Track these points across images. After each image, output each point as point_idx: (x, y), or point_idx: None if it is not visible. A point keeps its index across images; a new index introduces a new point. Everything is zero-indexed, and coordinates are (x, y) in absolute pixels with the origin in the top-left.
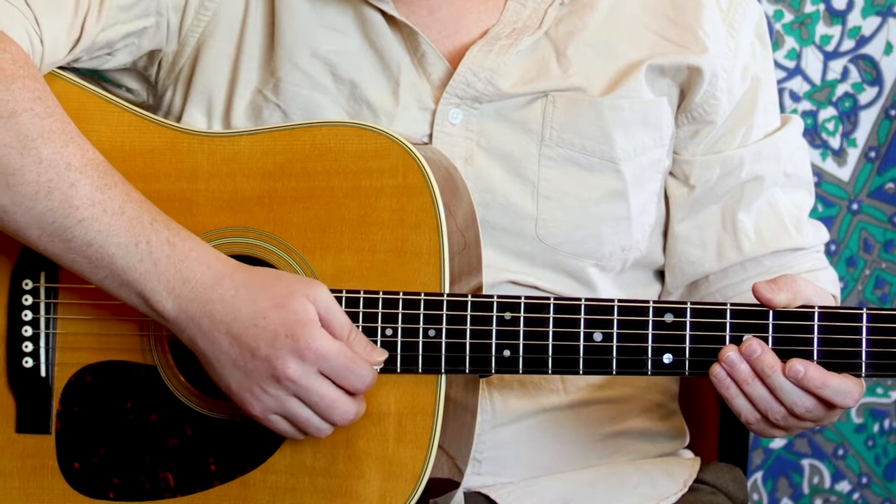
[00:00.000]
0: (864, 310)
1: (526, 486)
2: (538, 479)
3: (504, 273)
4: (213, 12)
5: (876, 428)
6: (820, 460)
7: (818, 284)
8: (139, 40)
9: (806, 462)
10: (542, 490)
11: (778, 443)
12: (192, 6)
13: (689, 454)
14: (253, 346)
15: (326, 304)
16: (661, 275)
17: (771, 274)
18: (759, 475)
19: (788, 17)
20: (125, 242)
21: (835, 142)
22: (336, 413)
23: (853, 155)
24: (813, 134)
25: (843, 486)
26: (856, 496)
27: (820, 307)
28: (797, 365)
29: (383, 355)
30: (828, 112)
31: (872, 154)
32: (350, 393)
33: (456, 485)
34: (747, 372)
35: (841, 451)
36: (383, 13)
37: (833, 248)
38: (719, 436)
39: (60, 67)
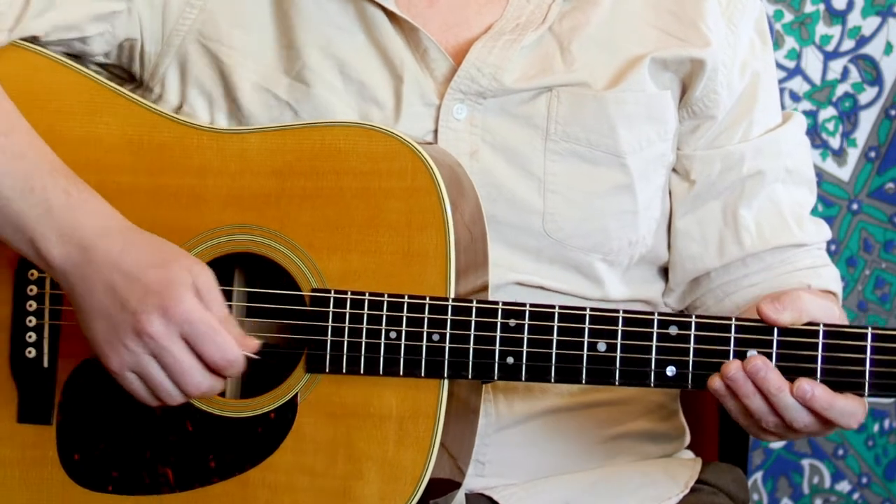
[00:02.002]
0: (870, 329)
1: (529, 488)
2: (541, 481)
3: (510, 273)
4: (199, 10)
5: (876, 428)
6: (820, 460)
7: (819, 281)
8: (112, 28)
9: (806, 462)
10: (544, 491)
11: (778, 443)
12: (173, 4)
13: (689, 454)
14: (124, 298)
15: (206, 284)
16: (665, 272)
17: (772, 270)
18: (759, 475)
19: (788, 17)
20: (21, 187)
21: (835, 142)
22: (189, 381)
23: (853, 155)
24: (813, 134)
25: (843, 486)
26: (856, 496)
27: (825, 325)
28: (805, 385)
29: (255, 347)
30: (828, 112)
31: (872, 154)
32: (210, 367)
33: (457, 485)
34: (750, 389)
35: (841, 451)
36: (384, 9)
37: (833, 248)
38: (719, 436)
39: (70, 56)
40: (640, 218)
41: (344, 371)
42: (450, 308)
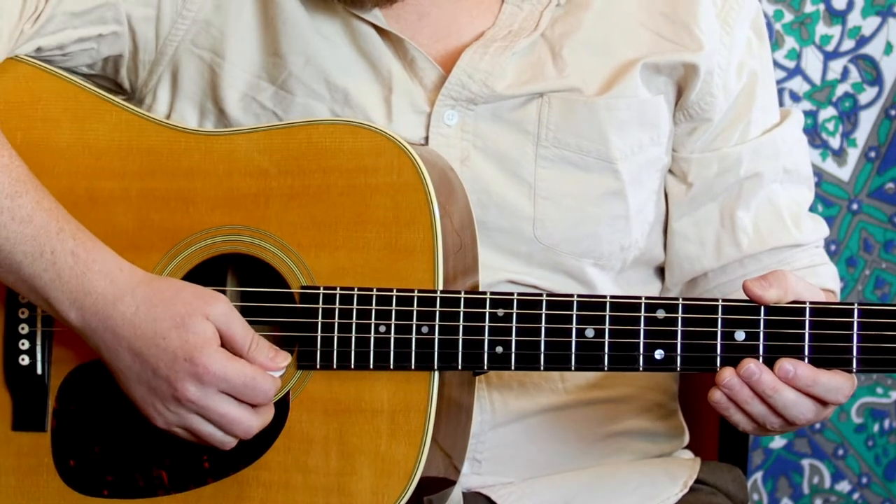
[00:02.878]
0: (856, 305)
1: (526, 487)
2: (538, 480)
3: (502, 273)
4: (190, 20)
5: (876, 428)
6: (820, 460)
7: (817, 279)
8: (98, 46)
9: (806, 462)
10: (543, 490)
11: (778, 443)
12: (166, 16)
13: (688, 454)
14: (154, 365)
15: (226, 320)
16: (661, 272)
17: (769, 271)
18: (759, 475)
19: (788, 17)
20: (31, 251)
21: (835, 142)
22: (238, 429)
23: (853, 155)
24: (813, 134)
25: (843, 486)
26: (856, 496)
27: (811, 302)
28: (786, 365)
29: (286, 359)
30: (828, 112)
31: (872, 154)
32: (254, 405)
33: (452, 483)
34: (747, 394)
35: (841, 451)
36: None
37: (833, 248)
38: (719, 436)
39: (50, 63)
40: (631, 223)
41: (335, 366)
42: (438, 300)
